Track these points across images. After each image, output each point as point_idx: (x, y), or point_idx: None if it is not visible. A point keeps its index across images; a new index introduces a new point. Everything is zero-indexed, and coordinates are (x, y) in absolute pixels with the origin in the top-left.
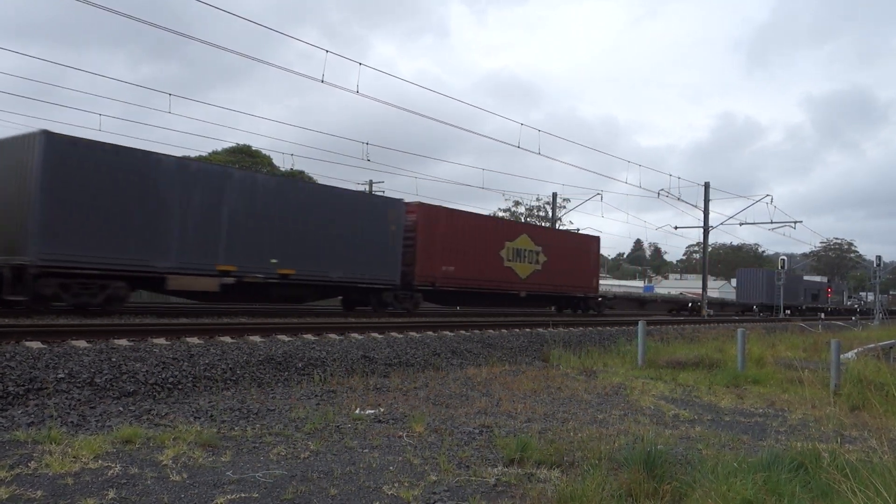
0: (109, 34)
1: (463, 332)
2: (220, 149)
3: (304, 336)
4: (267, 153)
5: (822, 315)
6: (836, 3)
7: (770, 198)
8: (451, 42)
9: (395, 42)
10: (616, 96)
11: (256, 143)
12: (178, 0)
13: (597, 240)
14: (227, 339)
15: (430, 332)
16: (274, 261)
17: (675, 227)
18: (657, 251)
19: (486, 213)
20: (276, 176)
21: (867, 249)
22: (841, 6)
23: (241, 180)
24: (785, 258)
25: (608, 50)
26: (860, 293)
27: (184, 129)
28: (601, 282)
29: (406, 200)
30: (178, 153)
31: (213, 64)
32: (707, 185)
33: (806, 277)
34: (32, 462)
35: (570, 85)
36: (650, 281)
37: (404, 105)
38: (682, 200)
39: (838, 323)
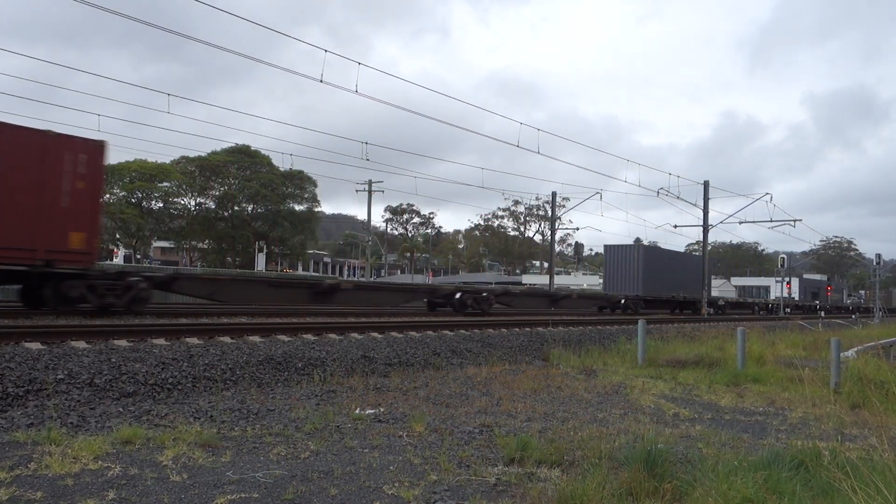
0: (113, 35)
1: (463, 331)
2: (219, 149)
3: (304, 336)
4: (266, 153)
5: (825, 315)
6: (839, 2)
7: (770, 196)
8: (454, 42)
9: (398, 41)
10: (618, 95)
11: (259, 144)
12: (182, 1)
13: (84, 145)
14: (227, 339)
15: (430, 332)
16: None
17: (675, 226)
18: None
19: (485, 212)
20: None
21: (868, 247)
22: (844, 5)
23: None
24: (784, 256)
25: (611, 49)
26: (860, 291)
27: (187, 130)
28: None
29: None
30: (179, 153)
31: (217, 64)
32: (706, 184)
33: (806, 276)
34: (32, 463)
35: (573, 84)
36: None
37: (405, 105)
38: (682, 199)
39: (838, 321)
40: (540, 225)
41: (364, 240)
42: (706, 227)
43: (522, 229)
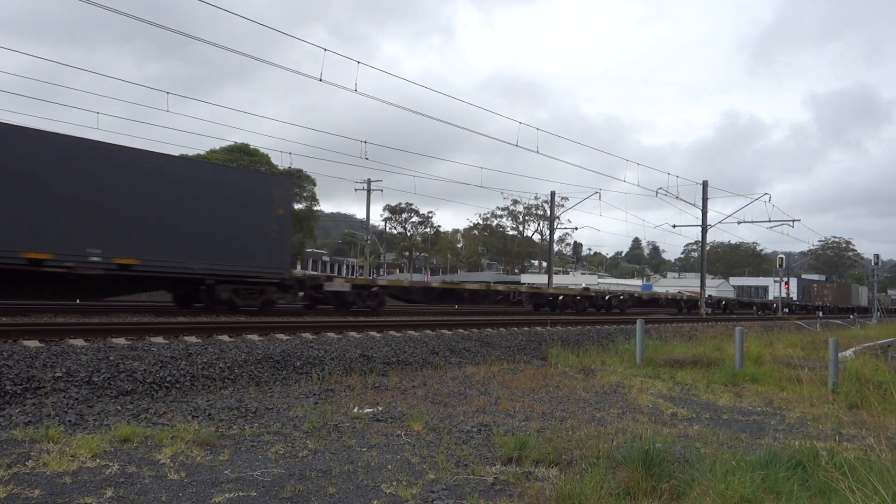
0: (117, 33)
1: (461, 330)
2: (218, 147)
3: (303, 335)
4: (266, 152)
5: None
6: (841, 3)
7: (768, 196)
8: (458, 42)
9: (402, 41)
10: (620, 95)
11: (260, 142)
12: (186, 0)
13: None
14: (226, 337)
15: (428, 331)
16: None
17: (674, 226)
18: (655, 250)
19: (484, 211)
20: None
21: (868, 248)
22: (847, 6)
23: None
24: (783, 256)
25: (613, 50)
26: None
27: (188, 129)
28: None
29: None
30: (179, 152)
31: (221, 63)
32: (705, 184)
33: (804, 276)
34: (30, 461)
35: (575, 84)
36: (648, 280)
37: (406, 104)
38: (681, 199)
39: (836, 322)
40: (539, 224)
41: (363, 238)
42: (704, 227)
43: (521, 229)
